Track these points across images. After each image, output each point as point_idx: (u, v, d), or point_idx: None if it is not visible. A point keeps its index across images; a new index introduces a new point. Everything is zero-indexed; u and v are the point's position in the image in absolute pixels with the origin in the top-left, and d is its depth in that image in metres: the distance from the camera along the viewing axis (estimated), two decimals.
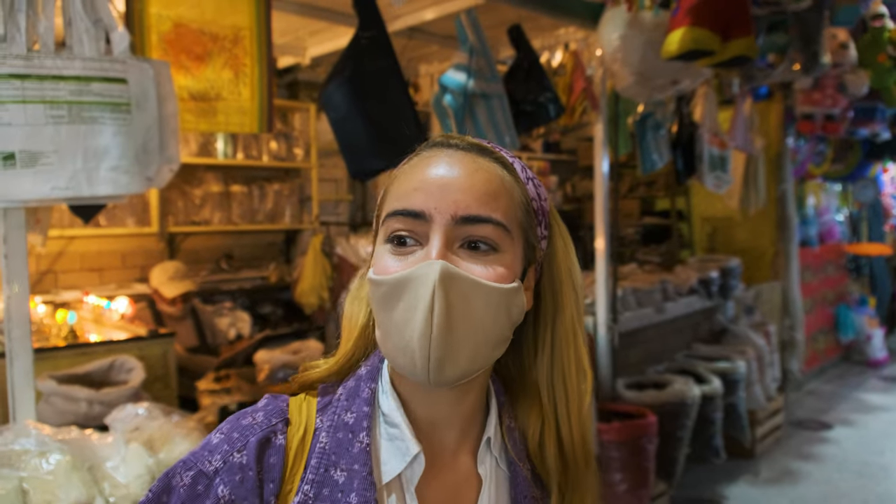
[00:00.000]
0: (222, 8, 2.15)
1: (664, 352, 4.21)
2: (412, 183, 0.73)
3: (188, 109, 2.17)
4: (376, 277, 0.72)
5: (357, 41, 2.51)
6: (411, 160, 0.77)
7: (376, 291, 0.72)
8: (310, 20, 3.40)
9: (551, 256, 0.80)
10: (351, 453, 0.73)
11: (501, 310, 0.72)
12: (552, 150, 6.65)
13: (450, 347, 0.68)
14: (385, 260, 0.73)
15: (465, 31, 2.88)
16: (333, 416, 0.76)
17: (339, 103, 2.51)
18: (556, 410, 0.79)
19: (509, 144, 3.01)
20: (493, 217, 0.72)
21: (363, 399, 0.77)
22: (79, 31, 1.74)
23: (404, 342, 0.69)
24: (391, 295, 0.70)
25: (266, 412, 0.76)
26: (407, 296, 0.69)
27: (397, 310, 0.70)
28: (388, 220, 0.73)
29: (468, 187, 0.72)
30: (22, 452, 1.65)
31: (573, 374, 0.79)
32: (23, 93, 1.66)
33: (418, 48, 3.96)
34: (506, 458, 0.80)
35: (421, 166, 0.74)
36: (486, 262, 0.72)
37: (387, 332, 0.72)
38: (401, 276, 0.70)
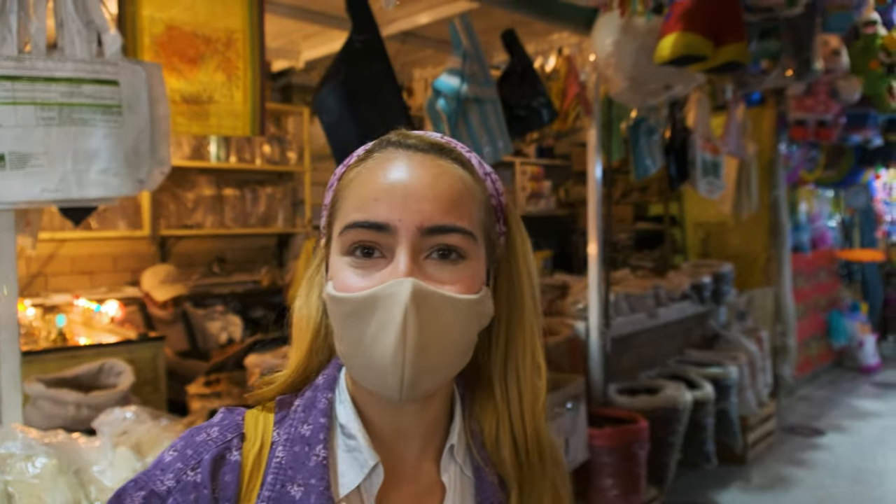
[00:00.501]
0: (215, 11, 2.14)
1: (656, 357, 4.22)
2: (372, 190, 0.69)
3: (180, 112, 2.16)
4: (339, 295, 0.68)
5: (351, 45, 2.51)
6: (366, 162, 0.73)
7: (339, 308, 0.68)
8: (303, 24, 3.40)
9: (509, 252, 0.78)
10: (307, 467, 0.70)
11: (472, 319, 0.71)
12: (546, 154, 6.66)
13: (423, 366, 0.66)
14: (346, 274, 0.69)
15: (458, 35, 2.88)
16: (290, 429, 0.73)
17: (332, 107, 2.51)
18: (509, 407, 0.76)
19: (502, 149, 3.02)
20: (459, 226, 0.69)
21: (319, 410, 0.73)
22: (70, 33, 1.73)
23: (374, 362, 0.66)
24: (357, 313, 0.67)
25: (221, 427, 0.73)
26: (375, 315, 0.66)
27: (364, 328, 0.66)
28: (348, 232, 0.69)
29: (433, 196, 0.68)
30: (7, 456, 1.64)
31: (528, 371, 0.77)
32: (13, 94, 1.65)
33: (412, 52, 3.96)
34: (471, 463, 0.77)
35: (379, 170, 0.70)
36: (454, 271, 0.69)
37: (352, 350, 0.69)
38: (368, 294, 0.66)
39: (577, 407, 2.95)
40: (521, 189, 6.19)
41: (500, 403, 0.77)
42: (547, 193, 6.41)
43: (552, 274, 5.21)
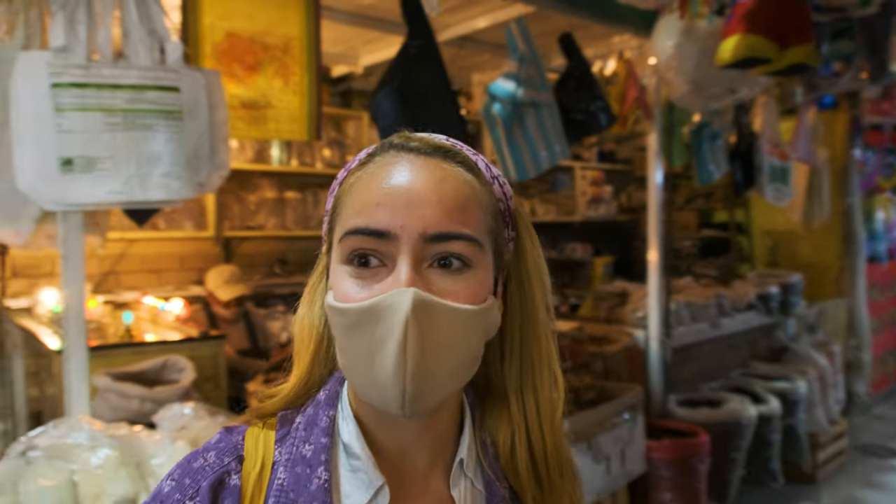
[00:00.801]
0: (273, 18, 2.20)
1: (719, 369, 4.08)
2: (373, 195, 0.66)
3: (239, 117, 2.22)
4: (339, 305, 0.65)
5: (406, 50, 2.53)
6: (367, 166, 0.70)
7: (339, 319, 0.66)
8: (362, 30, 3.45)
9: (519, 258, 0.75)
10: (309, 490, 0.67)
11: (477, 330, 0.68)
12: (607, 159, 6.56)
13: (425, 380, 0.63)
14: (345, 284, 0.66)
15: (515, 39, 2.87)
16: (292, 449, 0.70)
17: (387, 112, 2.53)
18: (526, 419, 0.73)
19: (559, 153, 2.99)
20: (464, 232, 0.66)
21: (321, 429, 0.71)
22: (135, 42, 1.80)
23: (374, 375, 0.63)
24: (357, 325, 0.64)
25: (218, 451, 0.70)
26: (376, 327, 0.63)
27: (365, 341, 0.64)
28: (348, 239, 0.66)
29: (437, 200, 0.65)
30: (74, 446, 1.71)
31: (545, 381, 0.74)
32: (82, 101, 1.73)
33: (470, 57, 3.97)
34: (482, 477, 0.74)
35: (381, 175, 0.67)
36: (458, 280, 0.66)
37: (353, 363, 0.66)
38: (368, 304, 0.63)
39: (634, 417, 2.89)
40: (580, 194, 6.11)
41: (517, 415, 0.73)
42: (608, 199, 6.30)
43: (612, 281, 5.13)
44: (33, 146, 1.70)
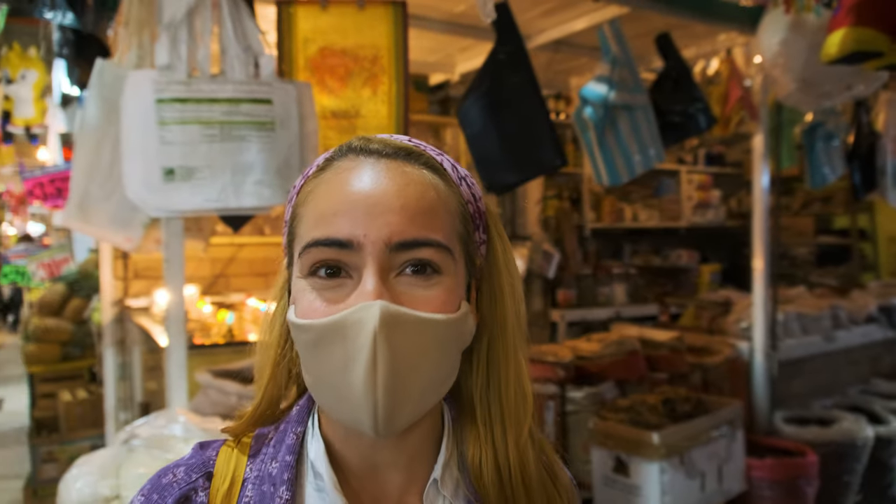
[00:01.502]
0: (363, 29, 2.26)
1: (833, 385, 3.81)
2: (332, 203, 0.62)
3: (330, 126, 2.30)
4: (300, 321, 0.62)
5: (494, 56, 2.54)
6: (324, 172, 0.66)
7: (302, 336, 0.63)
8: (457, 38, 3.49)
9: (490, 262, 0.71)
10: None
11: (451, 341, 0.64)
12: (716, 162, 6.27)
13: (398, 397, 0.59)
14: (308, 298, 0.62)
15: (608, 41, 2.81)
16: (261, 466, 0.68)
17: (475, 118, 2.55)
18: (493, 436, 0.69)
19: (654, 157, 2.90)
20: (432, 238, 0.62)
21: (287, 446, 0.68)
22: (231, 58, 1.91)
23: (344, 394, 0.60)
24: (322, 342, 0.61)
25: (187, 467, 0.69)
26: (342, 344, 0.59)
27: (331, 358, 0.60)
28: (308, 251, 0.62)
29: (400, 206, 0.62)
30: (170, 437, 1.83)
31: (511, 398, 0.69)
32: (182, 114, 1.85)
33: (567, 61, 3.92)
34: (463, 497, 0.69)
35: (339, 181, 0.63)
36: (428, 289, 0.62)
37: (319, 381, 0.63)
38: (333, 320, 0.60)
39: (732, 433, 2.75)
40: (686, 198, 5.88)
41: (483, 430, 0.69)
42: (716, 203, 6.03)
43: (719, 289, 4.91)
44: (139, 157, 1.84)
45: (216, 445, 0.72)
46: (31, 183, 3.58)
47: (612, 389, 2.89)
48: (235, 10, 1.90)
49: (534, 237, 5.01)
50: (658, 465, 2.38)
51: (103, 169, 2.05)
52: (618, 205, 5.53)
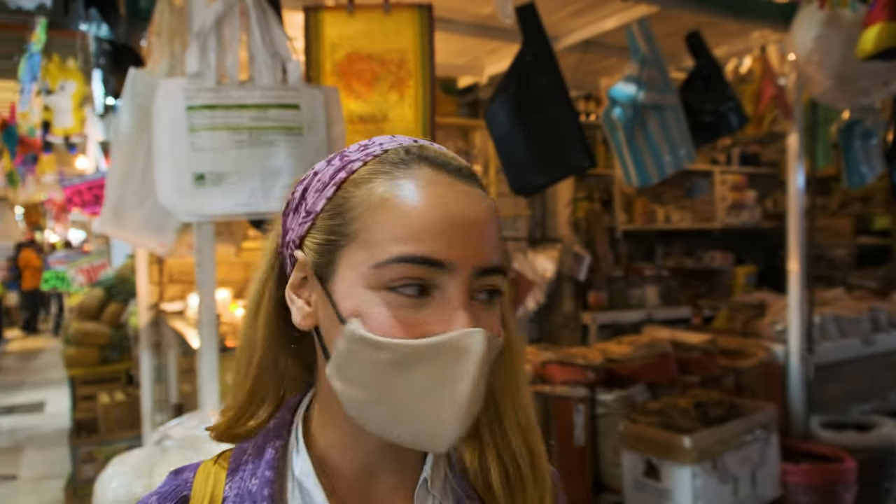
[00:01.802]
0: (389, 34, 2.28)
1: (873, 390, 3.72)
2: (424, 220, 0.60)
3: (357, 131, 2.32)
4: (383, 340, 0.59)
5: (521, 58, 2.53)
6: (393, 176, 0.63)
7: (377, 355, 0.59)
8: (485, 40, 3.49)
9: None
10: None
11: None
12: (750, 162, 6.17)
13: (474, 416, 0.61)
14: (382, 314, 0.60)
15: (636, 41, 2.79)
16: (240, 483, 0.66)
17: (502, 121, 2.55)
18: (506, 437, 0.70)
19: (685, 157, 2.87)
20: (503, 266, 0.63)
21: (266, 461, 0.66)
22: (259, 64, 1.94)
23: (423, 415, 0.60)
24: (409, 363, 0.59)
25: (160, 496, 0.68)
26: (440, 367, 0.58)
27: (416, 380, 0.59)
28: (394, 266, 0.59)
29: (486, 234, 0.62)
30: (201, 438, 1.86)
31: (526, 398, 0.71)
32: (212, 121, 1.88)
33: (596, 61, 3.89)
34: (452, 495, 0.70)
35: (424, 195, 0.61)
36: (492, 314, 0.63)
37: (385, 400, 0.61)
38: (433, 343, 0.58)
39: (766, 437, 2.70)
40: (720, 199, 5.79)
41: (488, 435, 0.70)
42: (751, 204, 5.92)
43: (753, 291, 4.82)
44: (171, 163, 1.88)
45: (193, 467, 0.71)
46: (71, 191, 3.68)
47: (643, 392, 2.86)
48: (263, 18, 1.93)
49: (564, 239, 4.98)
50: (690, 469, 2.35)
51: (137, 175, 2.09)
52: (650, 206, 5.47)
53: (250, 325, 0.71)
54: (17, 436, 5.95)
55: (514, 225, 5.11)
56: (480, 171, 4.74)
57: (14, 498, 4.60)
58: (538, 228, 5.30)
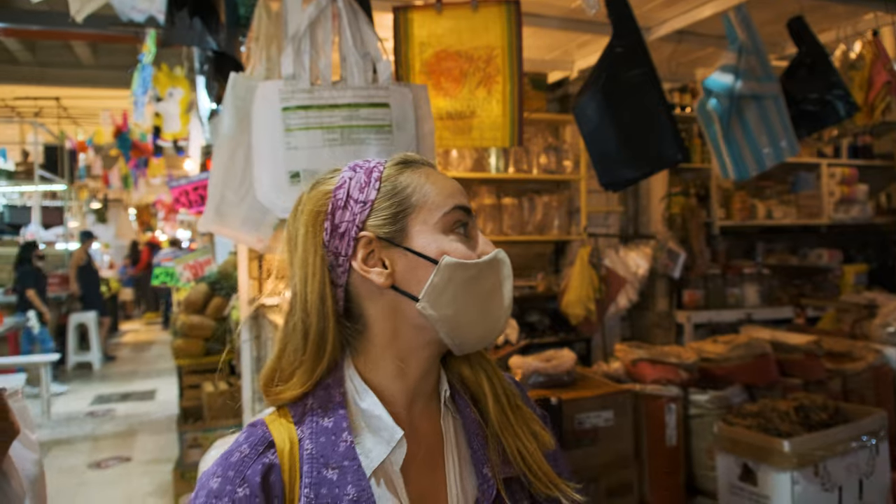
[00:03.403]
0: (477, 30, 2.29)
1: None
2: (449, 186, 0.89)
3: (446, 127, 2.35)
4: (467, 262, 0.85)
5: (611, 50, 2.49)
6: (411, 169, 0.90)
7: (463, 274, 0.84)
8: (575, 34, 3.45)
9: None
10: (338, 452, 0.80)
11: None
12: (861, 154, 5.79)
13: None
14: (458, 246, 0.85)
15: (734, 28, 2.68)
16: (312, 425, 0.82)
17: (591, 115, 2.51)
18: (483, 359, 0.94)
19: (786, 149, 2.73)
20: None
21: (337, 403, 0.84)
22: (351, 65, 2.00)
23: (487, 312, 0.86)
24: (480, 275, 0.85)
25: (249, 443, 0.81)
26: (495, 274, 0.87)
27: (484, 286, 0.85)
28: (452, 213, 0.86)
29: None
30: None
31: None
32: (306, 121, 1.96)
33: (691, 52, 3.77)
34: (455, 402, 0.93)
35: (436, 175, 0.90)
36: None
37: (465, 308, 0.84)
38: (490, 258, 0.86)
39: (876, 445, 2.53)
40: (827, 194, 5.47)
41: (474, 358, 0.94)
42: (862, 199, 5.57)
43: (863, 291, 4.54)
44: (268, 162, 1.96)
45: (260, 422, 0.86)
46: (178, 191, 3.90)
47: (740, 394, 2.75)
48: (354, 20, 1.99)
49: (658, 235, 4.86)
50: (789, 474, 2.24)
51: (237, 175, 2.20)
52: (749, 201, 5.25)
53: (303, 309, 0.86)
54: (131, 421, 6.36)
55: (605, 221, 5.03)
56: (571, 167, 4.69)
57: (128, 478, 4.93)
58: (630, 224, 5.19)
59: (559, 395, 2.63)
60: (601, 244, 4.78)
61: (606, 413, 2.63)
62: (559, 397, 2.59)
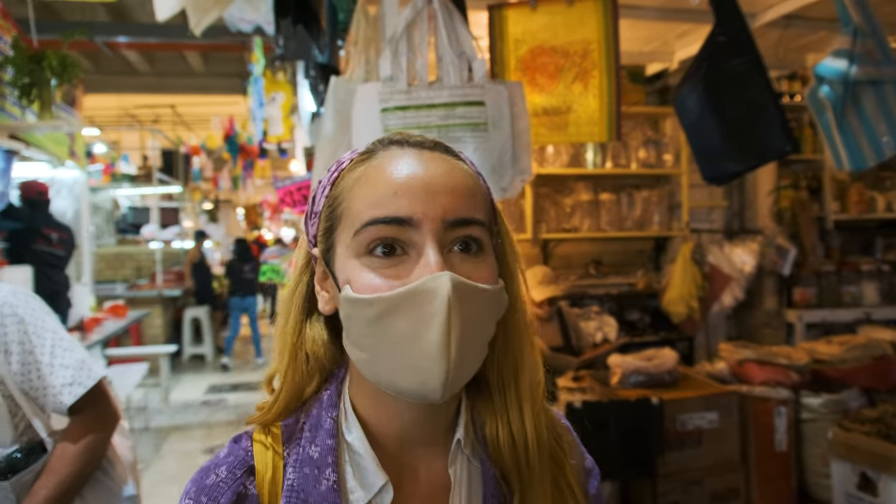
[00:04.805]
0: (572, 25, 2.27)
1: None
2: (389, 186, 0.67)
3: (542, 124, 2.35)
4: (365, 297, 0.65)
5: (713, 39, 2.41)
6: (368, 161, 0.71)
7: (365, 312, 0.65)
8: (674, 23, 3.36)
9: (504, 248, 0.76)
10: (319, 491, 0.70)
11: (494, 311, 0.70)
12: None
13: (464, 359, 0.64)
14: (365, 277, 0.66)
15: (847, 10, 2.53)
16: (299, 450, 0.73)
17: (692, 106, 2.44)
18: (507, 405, 0.74)
19: None
20: (478, 218, 0.68)
21: (326, 430, 0.73)
22: (446, 65, 2.03)
23: (412, 362, 0.64)
24: (389, 313, 0.64)
25: (228, 466, 0.73)
26: (412, 313, 0.63)
27: (397, 329, 0.64)
28: (367, 230, 0.66)
29: (452, 188, 0.67)
30: None
31: (525, 367, 0.74)
32: (404, 121, 2.01)
33: (800, 37, 3.59)
34: (478, 455, 0.75)
35: (390, 167, 0.68)
36: (476, 264, 0.68)
37: (378, 354, 0.67)
38: (404, 291, 0.63)
39: None
40: None
41: (498, 402, 0.74)
42: None
43: None
44: None
45: (248, 435, 0.77)
46: (282, 192, 4.07)
47: (857, 398, 2.59)
48: (450, 20, 2.02)
49: (765, 231, 4.64)
50: None
51: None
52: (867, 193, 4.92)
53: (285, 314, 0.78)
54: (241, 411, 6.70)
55: (708, 216, 4.85)
56: (671, 161, 4.56)
57: None
58: (735, 220, 4.98)
59: (660, 395, 2.57)
60: (704, 240, 4.62)
61: (711, 414, 2.54)
62: (660, 397, 2.54)
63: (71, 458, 1.42)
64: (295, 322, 0.77)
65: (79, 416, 1.45)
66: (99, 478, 1.53)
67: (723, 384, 2.67)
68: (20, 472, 1.36)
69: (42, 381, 1.41)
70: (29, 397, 1.41)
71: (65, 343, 1.46)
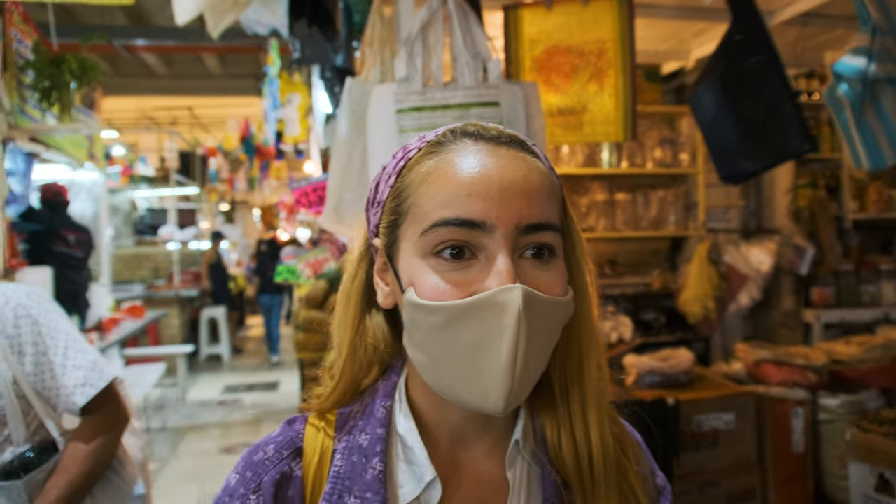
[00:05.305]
0: (588, 25, 2.27)
1: None
2: (461, 185, 0.63)
3: (557, 124, 2.34)
4: (430, 304, 0.62)
5: (729, 38, 2.39)
6: (439, 154, 0.66)
7: (428, 319, 0.63)
8: (690, 22, 3.34)
9: (571, 247, 0.72)
10: (364, 480, 0.68)
11: (562, 321, 0.67)
12: None
13: (527, 374, 0.62)
14: (433, 280, 0.63)
15: (866, 8, 2.50)
16: (349, 437, 0.71)
17: (708, 105, 2.43)
18: (570, 413, 0.70)
19: None
20: (553, 223, 0.65)
21: (377, 419, 0.71)
22: (461, 65, 2.03)
23: (475, 374, 0.61)
24: (454, 323, 0.61)
25: (276, 445, 0.73)
26: (482, 325, 0.60)
27: (464, 339, 0.61)
28: (436, 231, 0.63)
29: (528, 191, 0.63)
30: None
31: (591, 372, 0.71)
32: (419, 122, 2.01)
33: (818, 35, 3.56)
34: (538, 460, 0.72)
35: (463, 163, 0.64)
36: (548, 272, 0.65)
37: (440, 362, 0.64)
38: (472, 301, 0.60)
39: None
40: None
41: (562, 408, 0.71)
42: None
43: None
44: (383, 162, 2.03)
45: (303, 419, 0.76)
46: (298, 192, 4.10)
47: (876, 399, 2.57)
48: (465, 20, 2.02)
49: (783, 230, 4.61)
50: None
51: (354, 175, 2.29)
52: (886, 192, 4.87)
53: (344, 305, 0.77)
54: (256, 410, 6.75)
55: (725, 216, 4.82)
56: (687, 160, 4.53)
57: None
58: (752, 219, 4.95)
59: (676, 396, 2.56)
60: (721, 240, 4.59)
61: (727, 415, 2.53)
62: (676, 398, 2.53)
63: (82, 457, 1.44)
64: (355, 313, 0.76)
65: (90, 416, 1.47)
66: (109, 477, 1.55)
67: (739, 385, 2.66)
68: (32, 471, 1.38)
69: (55, 382, 1.43)
70: (42, 397, 1.43)
71: (77, 344, 1.47)
